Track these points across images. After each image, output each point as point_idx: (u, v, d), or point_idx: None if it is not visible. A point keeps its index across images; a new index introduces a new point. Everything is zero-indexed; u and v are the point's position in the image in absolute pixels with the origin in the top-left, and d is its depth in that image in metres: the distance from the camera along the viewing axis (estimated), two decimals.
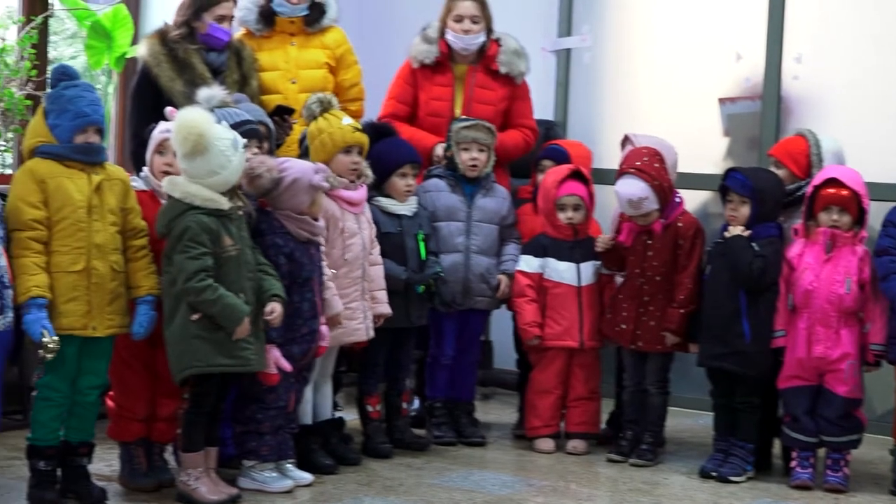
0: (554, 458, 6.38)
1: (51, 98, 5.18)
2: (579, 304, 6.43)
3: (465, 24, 6.74)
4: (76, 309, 5.08)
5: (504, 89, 6.86)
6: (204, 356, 5.15)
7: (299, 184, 5.53)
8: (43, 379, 5.17)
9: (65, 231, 5.07)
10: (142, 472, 5.50)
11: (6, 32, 7.01)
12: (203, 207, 5.15)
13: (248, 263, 5.27)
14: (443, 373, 6.59)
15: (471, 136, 6.48)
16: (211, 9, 6.36)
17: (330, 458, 5.91)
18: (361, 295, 5.95)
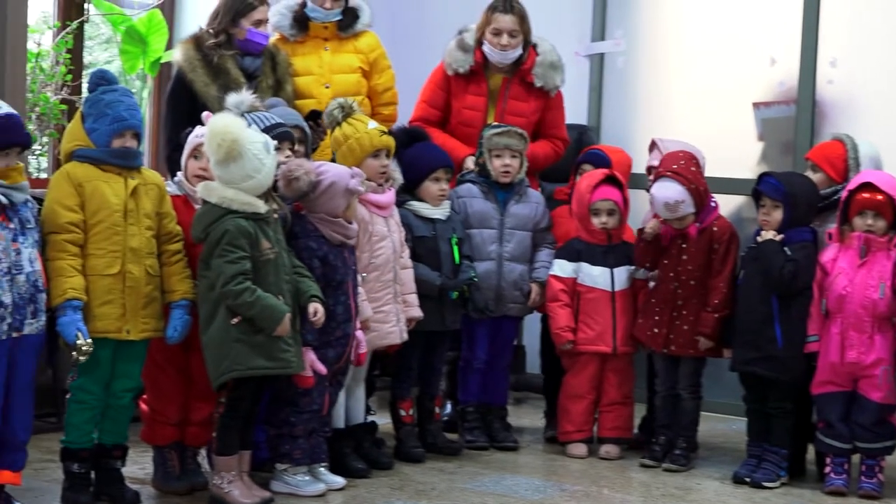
0: (586, 462, 6.37)
1: (89, 102, 5.20)
2: (613, 310, 6.42)
3: (504, 38, 6.69)
4: (111, 312, 5.11)
5: (538, 101, 6.82)
6: (244, 359, 5.16)
7: (336, 187, 5.54)
8: (76, 381, 5.20)
9: (100, 234, 5.10)
10: (175, 475, 5.52)
11: (42, 37, 7.07)
12: (240, 211, 5.17)
13: (285, 266, 5.29)
14: (475, 377, 6.58)
15: (503, 142, 6.47)
16: (248, 14, 6.38)
17: (362, 461, 5.92)
18: (394, 298, 5.96)
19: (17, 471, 5.04)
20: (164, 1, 7.61)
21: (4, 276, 4.82)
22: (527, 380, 7.83)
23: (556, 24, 7.76)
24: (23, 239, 4.90)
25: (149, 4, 7.59)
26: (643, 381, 6.64)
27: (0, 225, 4.83)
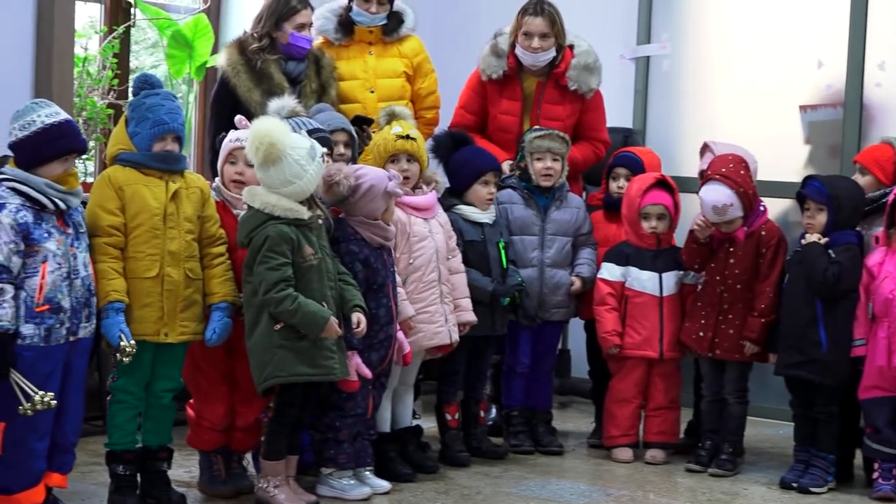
0: (632, 467, 6.35)
1: (132, 106, 5.24)
2: (660, 314, 6.39)
3: (534, 41, 6.66)
4: (149, 315, 5.14)
5: (573, 105, 6.80)
6: (287, 366, 5.17)
7: (375, 190, 5.55)
8: (117, 382, 5.23)
9: (140, 238, 5.13)
10: (220, 478, 5.53)
11: (89, 42, 7.10)
12: (283, 217, 5.17)
13: (329, 272, 5.29)
14: (518, 381, 6.57)
15: (545, 145, 6.45)
16: (291, 18, 6.39)
17: (408, 465, 5.92)
18: (440, 299, 5.95)
19: (65, 473, 5.07)
20: (210, 5, 7.64)
21: (64, 281, 4.85)
22: (572, 384, 7.81)
23: (601, 27, 7.75)
24: (77, 244, 4.94)
25: (195, 9, 7.63)
26: (690, 385, 6.61)
27: (58, 230, 4.86)
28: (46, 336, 4.81)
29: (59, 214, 4.88)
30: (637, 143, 7.62)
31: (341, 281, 5.36)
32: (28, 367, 4.75)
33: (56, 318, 4.82)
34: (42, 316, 4.79)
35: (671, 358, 6.43)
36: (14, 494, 4.84)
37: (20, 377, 4.73)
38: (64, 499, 5.09)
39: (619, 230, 6.58)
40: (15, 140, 4.84)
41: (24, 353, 4.75)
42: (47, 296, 4.80)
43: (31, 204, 4.79)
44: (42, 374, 4.78)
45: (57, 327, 4.83)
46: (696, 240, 6.27)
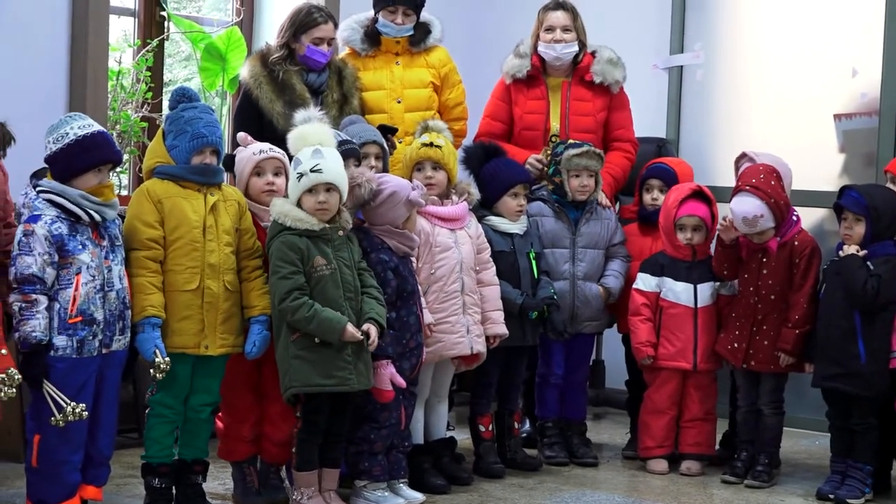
0: (667, 478, 6.32)
1: (169, 119, 5.25)
2: (695, 326, 6.36)
3: (557, 33, 6.71)
4: (189, 328, 5.14)
5: (601, 99, 6.81)
6: (302, 376, 5.18)
7: (396, 197, 5.55)
8: (155, 396, 5.24)
9: (180, 251, 5.14)
10: (254, 490, 5.53)
11: (122, 56, 7.13)
12: (293, 228, 5.18)
13: (347, 284, 5.27)
14: (552, 393, 6.56)
15: (582, 163, 6.44)
16: (308, 31, 6.41)
17: (442, 477, 5.91)
18: (463, 309, 5.93)
19: (100, 486, 5.09)
20: (243, 18, 7.66)
21: (97, 294, 4.87)
22: (606, 395, 7.79)
23: (634, 37, 7.76)
24: (112, 256, 4.95)
25: (227, 22, 7.64)
26: (725, 396, 6.57)
27: (92, 242, 4.88)
28: (79, 348, 4.83)
29: (94, 226, 4.89)
30: (670, 153, 7.61)
31: (365, 294, 5.35)
32: (60, 378, 4.77)
33: (89, 330, 4.84)
34: (75, 328, 4.81)
35: (706, 369, 6.40)
36: None
37: (53, 388, 4.75)
38: None
39: (653, 242, 6.57)
40: (50, 153, 4.87)
41: (57, 365, 4.77)
42: (80, 307, 4.81)
43: (66, 216, 4.81)
44: (74, 385, 4.80)
45: (90, 339, 4.85)
46: (722, 242, 6.24)
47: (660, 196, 6.57)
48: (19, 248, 4.75)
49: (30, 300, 4.72)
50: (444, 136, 6.07)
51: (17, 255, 4.75)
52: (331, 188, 5.22)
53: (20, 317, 4.71)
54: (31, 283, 4.72)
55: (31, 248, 4.73)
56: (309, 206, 5.20)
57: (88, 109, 6.31)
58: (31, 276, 4.72)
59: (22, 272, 4.72)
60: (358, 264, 5.37)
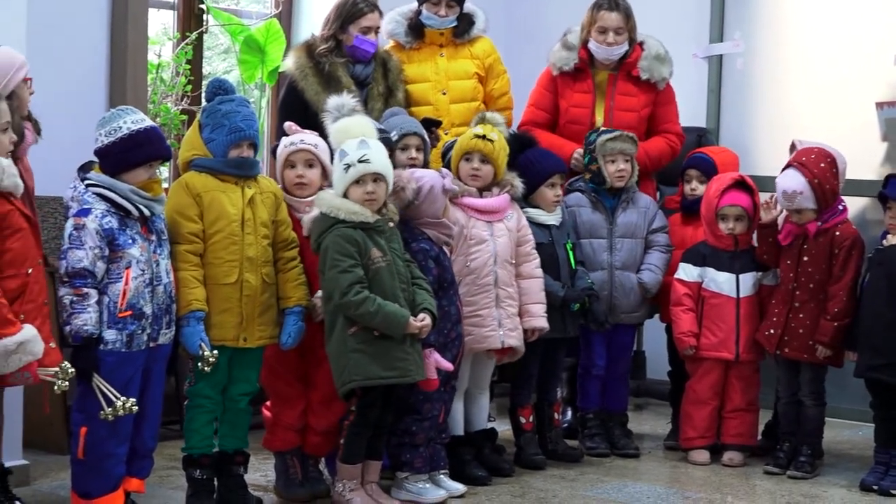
0: (709, 469, 6.29)
1: (206, 112, 5.25)
2: (737, 316, 6.33)
3: (609, 36, 6.65)
4: (228, 321, 5.16)
5: (646, 95, 6.77)
6: (362, 369, 5.16)
7: (435, 190, 5.55)
8: (194, 387, 5.26)
9: (219, 244, 5.14)
10: (297, 482, 5.54)
11: (162, 49, 7.15)
12: (348, 221, 5.18)
13: (400, 275, 5.27)
14: (594, 384, 6.54)
15: (617, 147, 6.42)
16: (356, 21, 6.40)
17: (483, 468, 5.91)
18: (495, 303, 5.91)
19: (143, 478, 5.10)
20: (282, 10, 7.67)
21: (147, 288, 4.89)
22: (647, 386, 7.77)
23: (674, 26, 7.72)
24: (160, 250, 4.97)
25: (266, 14, 7.66)
26: (768, 386, 6.54)
27: (141, 237, 4.89)
28: (128, 342, 4.84)
29: (143, 221, 4.90)
30: (710, 143, 7.58)
31: (415, 285, 5.35)
32: (109, 372, 4.78)
33: (138, 325, 4.86)
34: (124, 322, 4.82)
35: (748, 360, 6.36)
36: (94, 499, 4.88)
37: (103, 382, 4.77)
38: (141, 502, 5.11)
39: (695, 232, 6.54)
40: (101, 146, 4.86)
41: (106, 359, 4.79)
42: (130, 302, 4.83)
43: (115, 210, 4.82)
44: (122, 379, 4.82)
45: (138, 333, 4.86)
46: (763, 224, 6.21)
47: (698, 186, 6.55)
48: (70, 241, 4.74)
49: (81, 294, 4.73)
50: (500, 129, 6.05)
51: (67, 249, 4.74)
52: (378, 178, 5.21)
53: (71, 310, 4.72)
54: (82, 276, 4.73)
55: (83, 242, 4.74)
56: (356, 198, 5.19)
57: (128, 102, 6.29)
58: (83, 269, 4.73)
59: (73, 266, 4.73)
60: (404, 255, 5.37)
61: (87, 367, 4.74)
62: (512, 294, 5.96)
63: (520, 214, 6.09)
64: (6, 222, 4.54)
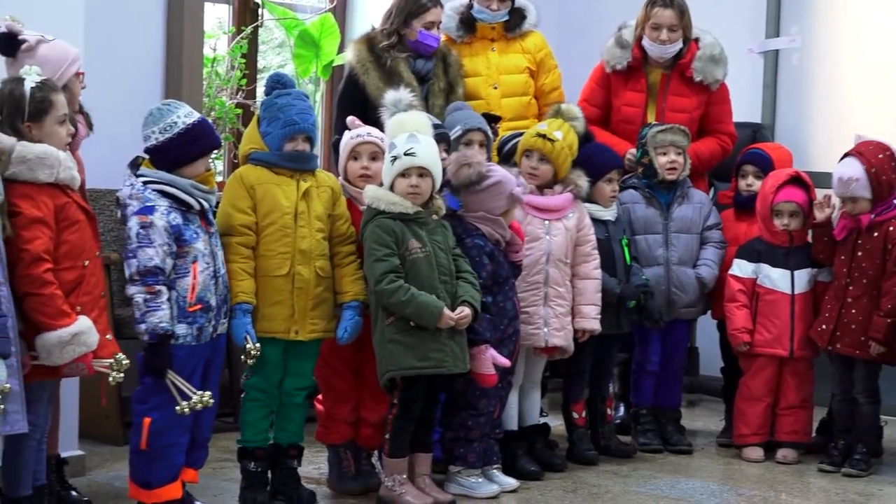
0: (763, 466, 6.26)
1: (264, 106, 5.28)
2: (791, 313, 6.29)
3: (663, 33, 6.61)
4: (280, 313, 5.17)
5: (699, 96, 6.73)
6: (398, 360, 5.18)
7: (501, 188, 5.53)
8: (250, 380, 5.28)
9: (271, 236, 5.16)
10: (350, 475, 5.55)
11: (217, 43, 7.19)
12: (387, 211, 5.19)
13: (442, 267, 5.26)
14: (649, 380, 6.52)
15: (668, 139, 6.41)
16: (420, 15, 6.40)
17: (535, 463, 5.90)
18: (544, 301, 5.90)
19: (198, 469, 5.13)
20: (336, 4, 7.68)
21: (211, 280, 4.92)
22: (700, 382, 7.73)
23: (729, 20, 7.68)
24: (216, 242, 4.99)
25: (321, 8, 7.68)
26: (823, 384, 6.49)
27: (202, 230, 4.92)
28: (198, 335, 4.88)
29: (202, 214, 4.93)
30: (766, 138, 7.53)
31: (460, 278, 5.34)
32: (179, 365, 4.82)
33: (206, 317, 4.89)
34: (194, 315, 4.85)
35: (802, 356, 6.32)
36: (154, 489, 4.89)
37: (177, 377, 4.80)
38: (196, 494, 5.13)
39: (749, 228, 6.50)
40: (157, 143, 4.85)
41: (178, 353, 4.82)
42: (198, 295, 4.86)
43: (177, 205, 4.84)
44: (187, 371, 4.85)
45: (206, 326, 4.90)
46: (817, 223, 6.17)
47: (754, 182, 6.52)
48: (139, 240, 4.74)
49: (153, 291, 4.74)
50: (575, 124, 6.03)
51: (137, 248, 4.74)
52: (424, 173, 5.22)
53: (145, 308, 4.73)
54: (153, 274, 4.74)
55: (152, 240, 4.75)
56: (401, 190, 5.20)
57: (184, 96, 6.36)
58: (154, 267, 4.74)
59: (145, 265, 4.73)
60: (453, 250, 5.36)
61: (161, 364, 4.76)
62: (562, 294, 5.94)
63: (582, 213, 6.06)
64: (63, 214, 4.56)
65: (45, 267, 4.46)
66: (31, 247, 4.44)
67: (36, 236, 4.45)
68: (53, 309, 4.45)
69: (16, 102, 4.53)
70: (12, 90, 4.53)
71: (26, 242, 4.43)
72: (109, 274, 5.84)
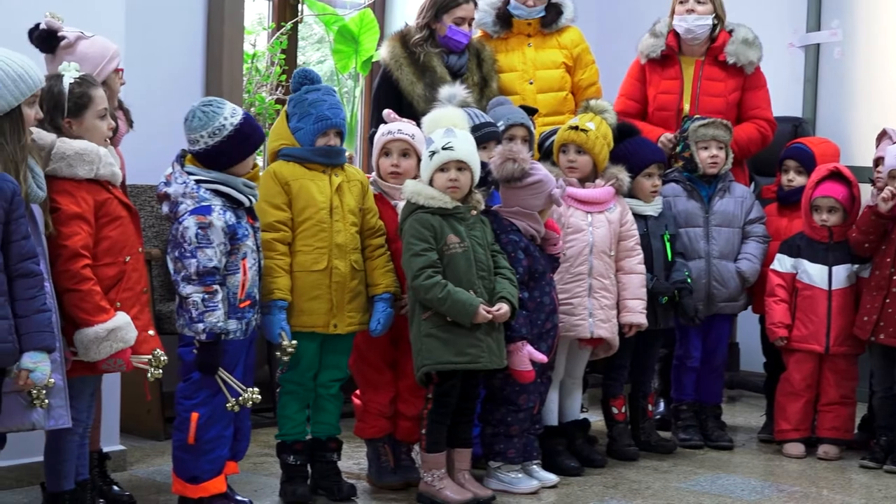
0: (804, 463, 6.23)
1: (293, 101, 5.27)
2: (828, 308, 6.26)
3: (689, 3, 6.65)
4: (318, 307, 5.18)
5: (734, 80, 6.73)
6: (434, 354, 5.17)
7: (541, 186, 5.52)
8: (286, 374, 5.30)
9: (308, 231, 5.17)
10: (389, 469, 5.55)
11: (257, 39, 7.21)
12: (426, 206, 5.19)
13: (480, 262, 5.25)
14: (689, 375, 6.50)
15: (710, 133, 6.39)
16: (450, 10, 6.40)
17: (575, 459, 5.89)
18: (588, 292, 5.88)
19: (238, 461, 5.14)
20: (375, 0, 7.68)
21: (257, 275, 4.95)
22: (741, 378, 7.70)
23: (769, 14, 7.66)
24: (259, 237, 5.01)
25: (360, 4, 7.68)
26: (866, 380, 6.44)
27: (250, 227, 4.93)
28: (245, 329, 4.91)
29: (250, 211, 4.95)
30: (807, 133, 7.49)
31: (498, 274, 5.34)
32: (227, 360, 4.85)
33: (253, 312, 4.93)
34: (243, 311, 4.89)
35: (840, 353, 6.28)
36: (202, 483, 4.91)
37: (227, 375, 4.82)
38: (237, 489, 5.14)
39: (790, 223, 6.47)
40: (207, 146, 4.83)
41: (227, 348, 4.85)
42: (248, 291, 4.89)
43: (230, 204, 4.85)
44: (231, 364, 4.87)
45: (252, 320, 4.94)
46: (876, 211, 6.10)
47: (796, 177, 6.49)
48: (198, 241, 4.74)
49: (211, 291, 4.76)
50: (606, 117, 6.02)
51: (196, 249, 4.74)
52: (462, 167, 5.22)
53: (204, 308, 4.74)
54: (211, 274, 4.76)
55: (211, 241, 4.76)
56: (440, 184, 5.20)
57: (224, 92, 6.39)
58: (213, 268, 4.76)
59: (205, 265, 4.74)
60: (491, 246, 5.36)
61: (214, 361, 4.78)
62: (607, 286, 5.93)
63: (625, 208, 6.05)
64: (104, 210, 4.57)
65: (83, 263, 4.47)
66: (70, 242, 4.45)
67: (75, 232, 4.47)
68: (91, 305, 4.47)
69: (55, 99, 4.54)
70: (51, 87, 4.54)
71: (65, 238, 4.45)
72: (150, 269, 5.87)
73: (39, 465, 4.79)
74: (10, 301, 4.11)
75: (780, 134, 6.91)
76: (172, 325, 5.04)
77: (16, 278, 4.13)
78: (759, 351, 6.79)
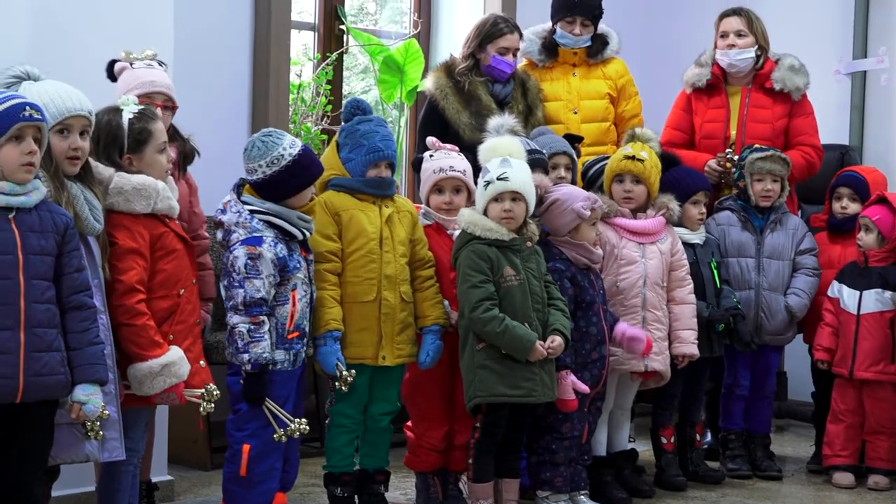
0: (854, 493, 6.18)
1: (345, 132, 5.28)
2: (855, 332, 6.21)
3: (730, 38, 6.67)
4: (367, 339, 5.18)
5: (781, 107, 6.72)
6: (488, 386, 5.16)
7: (560, 206, 5.51)
8: (335, 406, 5.28)
9: (357, 262, 5.17)
10: (437, 500, 5.54)
11: (303, 69, 7.23)
12: (483, 238, 5.18)
13: (535, 295, 5.25)
14: (738, 404, 6.47)
15: (766, 167, 6.37)
16: (494, 41, 6.42)
17: (623, 489, 5.86)
18: (642, 325, 5.85)
19: (286, 491, 5.14)
20: (420, 30, 7.71)
21: (307, 307, 4.96)
22: (790, 407, 7.65)
23: (815, 42, 7.64)
24: (312, 269, 5.02)
25: (405, 34, 7.70)
26: None
27: (304, 260, 4.96)
28: (293, 361, 4.91)
29: (303, 244, 4.96)
30: (854, 161, 7.46)
31: (551, 305, 5.33)
32: (275, 391, 4.86)
33: (301, 343, 4.94)
34: (291, 342, 4.90)
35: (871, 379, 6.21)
36: None
37: (275, 406, 4.83)
38: None
39: (843, 251, 6.45)
40: (265, 177, 4.86)
41: (274, 378, 4.85)
42: (297, 323, 4.90)
43: (283, 236, 4.87)
44: (282, 396, 4.88)
45: (301, 352, 4.94)
46: None
47: (849, 204, 6.47)
48: (247, 271, 4.78)
49: (257, 322, 4.78)
50: (651, 146, 6.02)
51: (244, 279, 4.77)
52: (517, 197, 5.21)
53: (249, 339, 4.76)
54: (258, 305, 4.78)
55: (259, 272, 4.79)
56: (494, 215, 5.20)
57: (270, 123, 6.41)
58: (260, 299, 4.78)
59: (252, 296, 4.77)
60: (544, 276, 5.35)
61: (260, 393, 4.80)
62: (660, 318, 5.91)
63: (675, 238, 6.04)
64: (160, 244, 4.59)
65: (138, 297, 4.49)
66: (126, 277, 4.47)
67: (130, 267, 4.49)
68: (145, 339, 4.48)
69: (113, 134, 4.57)
70: (109, 121, 4.57)
71: (121, 273, 4.47)
72: None
73: (92, 496, 4.81)
74: (63, 333, 4.13)
75: (827, 162, 6.89)
76: (221, 354, 5.05)
77: (68, 311, 4.15)
78: (807, 380, 6.75)
